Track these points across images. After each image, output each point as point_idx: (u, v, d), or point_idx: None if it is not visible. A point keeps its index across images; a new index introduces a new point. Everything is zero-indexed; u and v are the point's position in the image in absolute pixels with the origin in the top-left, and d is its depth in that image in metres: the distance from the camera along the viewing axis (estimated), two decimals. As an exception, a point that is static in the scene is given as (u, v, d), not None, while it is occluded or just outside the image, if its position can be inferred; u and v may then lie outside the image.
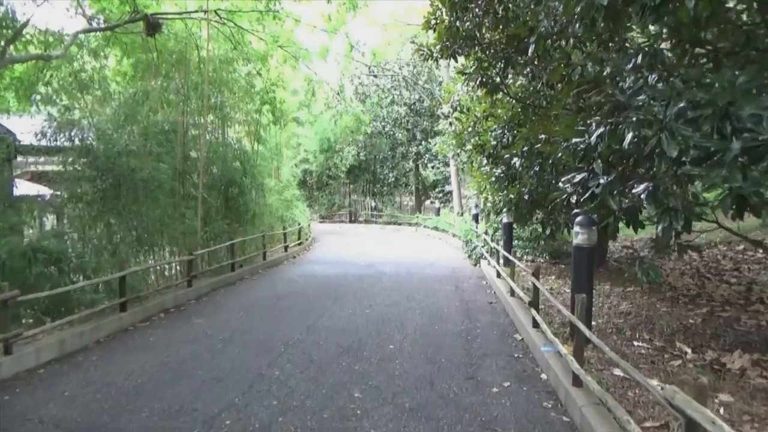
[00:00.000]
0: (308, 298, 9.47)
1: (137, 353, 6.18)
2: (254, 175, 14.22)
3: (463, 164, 20.10)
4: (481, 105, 12.20)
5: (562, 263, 12.03)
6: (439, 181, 29.47)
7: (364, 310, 8.35)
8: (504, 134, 11.00)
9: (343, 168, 30.00)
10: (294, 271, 13.02)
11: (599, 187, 5.33)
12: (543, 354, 5.48)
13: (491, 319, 7.74)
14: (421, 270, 12.96)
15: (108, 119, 10.23)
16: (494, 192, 11.95)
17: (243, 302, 9.16)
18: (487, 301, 9.12)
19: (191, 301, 9.27)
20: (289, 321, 7.66)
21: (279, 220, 17.41)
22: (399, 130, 29.59)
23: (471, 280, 11.55)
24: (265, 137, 17.06)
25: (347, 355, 5.94)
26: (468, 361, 5.70)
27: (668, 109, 4.33)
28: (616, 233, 5.86)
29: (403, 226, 27.82)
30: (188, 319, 7.96)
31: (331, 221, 32.19)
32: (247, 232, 13.82)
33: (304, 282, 11.33)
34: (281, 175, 20.92)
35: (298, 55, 13.89)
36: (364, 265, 13.85)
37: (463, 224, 18.72)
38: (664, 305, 7.45)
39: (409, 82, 27.19)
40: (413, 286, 10.57)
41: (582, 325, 4.39)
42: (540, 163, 9.87)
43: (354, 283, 11.05)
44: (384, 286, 10.56)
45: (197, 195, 11.26)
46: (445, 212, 24.18)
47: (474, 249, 14.97)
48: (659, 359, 5.26)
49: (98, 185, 8.87)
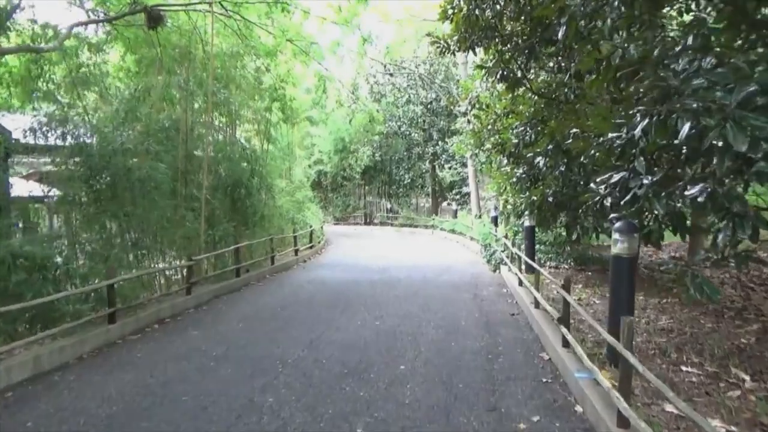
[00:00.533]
0: (315, 307, 8.82)
1: (120, 372, 5.58)
2: (263, 175, 13.65)
3: (482, 165, 19.32)
4: (501, 102, 11.45)
5: (588, 270, 11.22)
6: (457, 183, 28.66)
7: (374, 322, 7.66)
8: (526, 132, 10.25)
9: (358, 169, 29.36)
10: (303, 277, 12.40)
11: (642, 188, 4.58)
12: (576, 380, 4.74)
13: (514, 334, 6.99)
14: (437, 276, 12.24)
15: (107, 116, 9.76)
16: (515, 194, 11.20)
17: (245, 311, 8.55)
18: (509, 312, 8.36)
19: (190, 309, 8.69)
20: (291, 334, 7.01)
21: (290, 222, 16.84)
22: (415, 130, 28.85)
23: (490, 287, 10.79)
24: (276, 136, 16.52)
25: (352, 377, 5.26)
26: (489, 387, 4.98)
27: (733, 94, 3.59)
28: (660, 241, 5.10)
29: (419, 229, 27.08)
30: (183, 330, 7.36)
31: (345, 223, 31.58)
32: (255, 235, 13.25)
33: (312, 289, 10.69)
34: (293, 176, 20.39)
35: (308, 50, 13.27)
36: (378, 270, 13.17)
37: (482, 227, 17.93)
38: (708, 320, 6.63)
39: (425, 81, 26.46)
40: (428, 294, 9.86)
41: (630, 354, 3.65)
42: (566, 163, 9.10)
43: (365, 290, 10.37)
44: (397, 294, 9.87)
45: (201, 196, 10.69)
46: (463, 214, 23.39)
47: (493, 254, 14.20)
48: (714, 389, 4.49)
49: (93, 185, 8.36)
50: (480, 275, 12.49)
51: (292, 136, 20.29)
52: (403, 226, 28.55)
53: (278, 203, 15.77)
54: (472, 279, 11.87)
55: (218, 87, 11.67)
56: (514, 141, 10.45)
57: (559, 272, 11.12)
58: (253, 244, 12.78)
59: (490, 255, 14.48)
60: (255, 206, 12.86)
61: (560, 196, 9.45)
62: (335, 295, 9.91)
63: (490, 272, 13.17)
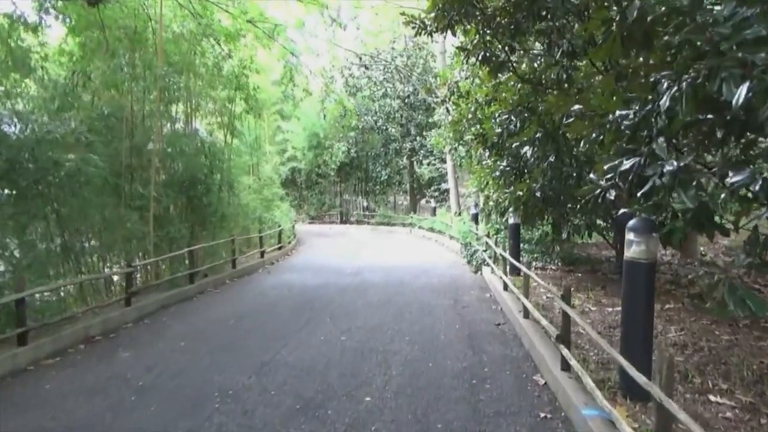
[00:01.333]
0: (274, 318, 7.73)
1: (14, 412, 4.43)
2: (224, 171, 12.50)
3: (461, 159, 18.41)
4: (482, 89, 10.48)
5: (577, 271, 10.34)
6: (435, 179, 27.74)
7: (340, 336, 6.62)
8: (510, 120, 9.32)
9: (333, 165, 28.20)
10: (267, 282, 11.26)
11: (663, 176, 3.61)
12: (583, 416, 3.78)
13: (501, 350, 6.02)
14: (414, 279, 11.24)
15: (38, 103, 8.53)
16: (498, 189, 10.28)
17: (192, 325, 7.42)
18: (494, 321, 7.40)
19: (128, 324, 7.50)
20: (240, 355, 5.92)
21: (257, 221, 15.66)
22: (392, 125, 27.81)
23: (472, 291, 9.84)
24: (241, 130, 15.32)
25: (304, 415, 4.21)
26: (475, 427, 3.98)
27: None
28: (683, 241, 4.16)
29: (396, 227, 26.08)
30: (112, 352, 6.20)
31: (321, 222, 30.42)
32: (216, 236, 12.08)
33: (275, 296, 9.58)
34: (261, 173, 19.19)
35: (272, 34, 12.12)
36: (350, 273, 12.12)
37: (462, 225, 17.02)
38: (723, 331, 5.77)
39: (402, 73, 25.45)
40: (404, 301, 8.85)
41: (671, 403, 2.68)
42: (556, 153, 8.19)
43: (335, 297, 9.32)
44: (369, 301, 8.84)
45: (148, 194, 9.50)
46: (442, 212, 22.48)
47: (474, 253, 13.27)
48: (755, 427, 3.57)
49: (15, 181, 7.14)
50: (460, 278, 11.53)
51: (261, 130, 19.09)
52: (380, 224, 27.52)
53: (243, 201, 14.59)
54: (452, 282, 10.90)
55: (170, 72, 10.44)
56: (497, 130, 9.53)
57: (546, 274, 10.23)
58: (211, 246, 11.61)
59: (470, 255, 13.56)
60: (214, 205, 11.69)
61: (549, 191, 8.56)
62: (300, 303, 8.83)
63: (471, 274, 12.24)
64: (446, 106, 11.00)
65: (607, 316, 6.74)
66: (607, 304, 7.47)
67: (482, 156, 12.32)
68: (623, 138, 4.56)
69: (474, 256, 13.06)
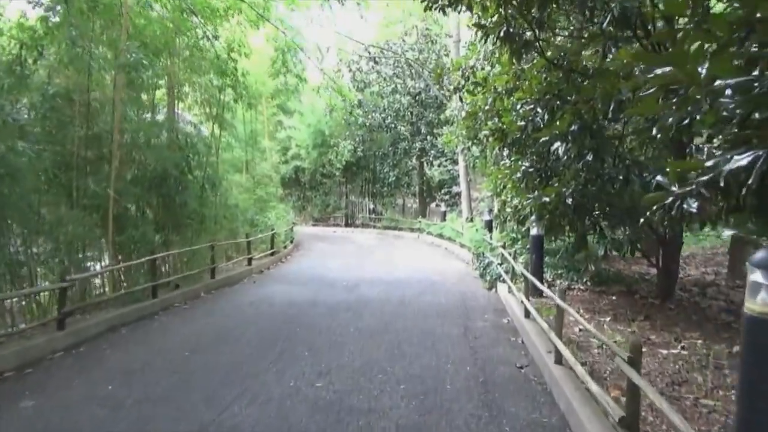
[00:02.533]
0: (240, 349, 6.21)
1: None
2: (209, 167, 11.06)
3: (475, 160, 16.83)
4: (502, 77, 8.90)
5: (610, 292, 8.73)
6: (446, 181, 26.09)
7: (315, 382, 5.08)
8: (536, 112, 7.78)
9: (339, 165, 26.62)
10: (249, 296, 9.75)
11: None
12: None
13: (528, 411, 4.44)
14: (417, 296, 9.68)
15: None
16: (520, 193, 8.70)
17: (134, 357, 5.92)
18: (516, 362, 5.82)
19: (56, 354, 6.00)
20: (176, 409, 4.40)
21: (248, 224, 14.19)
22: (401, 123, 26.20)
23: (486, 315, 8.26)
24: (232, 122, 13.87)
25: None
26: None
27: None
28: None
29: (404, 232, 24.49)
30: (14, 399, 4.70)
31: (325, 224, 28.91)
32: (194, 241, 10.62)
33: (251, 315, 8.09)
34: (256, 170, 17.74)
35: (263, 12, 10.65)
36: (346, 287, 10.60)
37: (474, 233, 15.43)
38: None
39: (413, 67, 23.86)
40: (403, 327, 7.31)
41: None
42: (595, 150, 6.60)
43: (321, 319, 7.80)
44: (361, 328, 7.30)
45: (106, 191, 8.06)
46: (452, 217, 20.86)
47: (487, 266, 11.69)
48: None
49: None
50: (472, 296, 9.94)
51: (258, 125, 17.64)
52: (386, 228, 25.95)
53: (232, 202, 13.14)
54: (461, 301, 9.33)
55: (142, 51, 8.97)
56: (520, 123, 7.96)
57: (573, 296, 8.64)
58: (188, 252, 10.15)
59: (483, 267, 11.97)
60: (191, 205, 10.22)
61: (583, 196, 7.00)
62: (277, 327, 7.32)
63: (484, 291, 10.66)
64: (459, 95, 9.39)
65: (664, 363, 5.15)
66: (659, 343, 5.87)
67: (499, 155, 10.76)
68: (731, 121, 3.03)
69: (488, 270, 11.47)
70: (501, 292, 9.80)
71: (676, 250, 8.15)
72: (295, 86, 14.14)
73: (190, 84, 11.74)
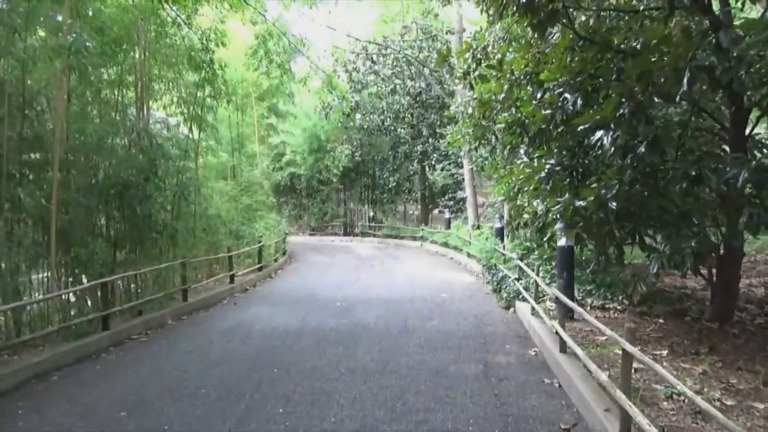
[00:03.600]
0: (192, 410, 4.71)
1: None
2: (183, 173, 9.64)
3: (483, 161, 15.38)
4: (519, 60, 7.44)
5: (654, 313, 7.25)
6: (450, 186, 24.62)
7: (284, 465, 3.62)
8: (565, 98, 6.36)
9: (336, 171, 25.16)
10: (223, 323, 8.26)
11: None
12: None
13: None
14: (424, 321, 8.20)
15: None
16: (544, 196, 7.27)
17: (52, 422, 4.47)
18: (559, 421, 4.32)
19: (-56, 420, 4.58)
20: None
21: (232, 236, 12.74)
22: (401, 125, 24.79)
23: (508, 346, 6.79)
24: (214, 123, 12.46)
25: None
26: None
27: None
28: None
29: (405, 240, 23.00)
30: None
31: (322, 233, 27.44)
32: (164, 257, 9.18)
33: (220, 351, 6.61)
34: (245, 176, 16.31)
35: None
36: (341, 309, 9.13)
37: (483, 242, 13.95)
38: None
39: (413, 64, 22.47)
40: (408, 366, 5.84)
41: None
42: (652, 140, 5.14)
43: (306, 356, 6.33)
44: (354, 369, 5.81)
45: (40, 202, 6.63)
46: (457, 224, 19.38)
47: (502, 280, 10.23)
48: None
49: None
50: (487, 318, 8.45)
51: (245, 127, 16.24)
52: (387, 237, 24.45)
53: (213, 212, 11.70)
54: (476, 327, 7.85)
55: (89, 35, 7.56)
56: (545, 113, 6.54)
57: (609, 318, 7.18)
58: (153, 271, 8.69)
59: (497, 282, 10.51)
60: (158, 217, 8.79)
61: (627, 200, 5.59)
62: (249, 368, 5.85)
63: (499, 309, 9.20)
64: (470, 81, 7.93)
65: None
66: (746, 392, 4.41)
67: (515, 154, 9.33)
68: None
69: (503, 285, 10.00)
70: (521, 313, 8.34)
71: (737, 263, 6.66)
72: (281, 82, 12.69)
73: (162, 79, 10.34)
